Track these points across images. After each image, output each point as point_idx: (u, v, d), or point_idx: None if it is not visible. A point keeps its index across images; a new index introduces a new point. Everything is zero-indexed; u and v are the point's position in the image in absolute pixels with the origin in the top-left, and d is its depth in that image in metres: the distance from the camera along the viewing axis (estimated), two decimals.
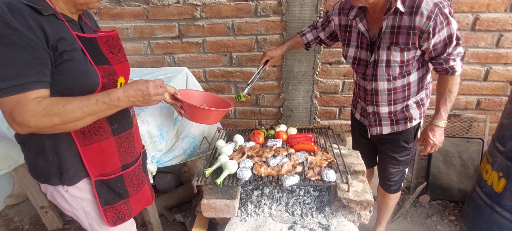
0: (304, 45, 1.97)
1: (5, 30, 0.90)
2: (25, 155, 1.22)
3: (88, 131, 1.16)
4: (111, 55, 1.21)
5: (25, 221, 2.72)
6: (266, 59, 1.94)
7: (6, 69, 0.92)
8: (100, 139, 1.19)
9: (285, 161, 1.66)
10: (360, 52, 1.69)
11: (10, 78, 0.92)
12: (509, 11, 2.18)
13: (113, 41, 1.24)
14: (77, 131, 1.12)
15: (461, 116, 2.60)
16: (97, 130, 1.18)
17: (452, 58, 1.49)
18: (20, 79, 0.93)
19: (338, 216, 1.66)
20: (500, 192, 2.01)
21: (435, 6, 1.38)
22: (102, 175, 1.24)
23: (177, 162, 1.96)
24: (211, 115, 1.71)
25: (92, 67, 1.10)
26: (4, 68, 0.92)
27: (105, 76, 1.14)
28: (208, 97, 1.95)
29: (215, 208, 1.69)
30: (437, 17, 1.38)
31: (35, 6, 0.97)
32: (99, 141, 1.19)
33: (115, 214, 1.31)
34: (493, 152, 2.10)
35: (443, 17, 1.39)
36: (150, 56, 2.65)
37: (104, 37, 1.20)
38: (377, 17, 1.55)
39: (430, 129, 1.68)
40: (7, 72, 0.92)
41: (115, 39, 1.26)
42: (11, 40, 0.91)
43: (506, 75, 2.41)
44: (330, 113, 2.76)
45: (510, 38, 2.27)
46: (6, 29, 0.90)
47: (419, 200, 2.72)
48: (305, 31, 1.96)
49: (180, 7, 2.41)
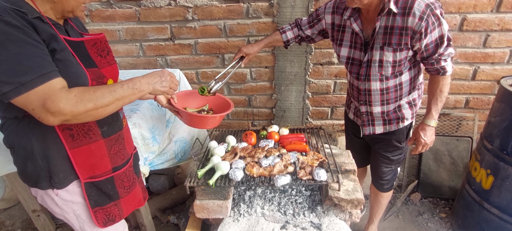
0: (283, 43, 1.92)
1: (7, 28, 0.91)
2: (14, 159, 1.22)
3: (77, 133, 1.16)
4: (99, 58, 1.21)
5: (17, 224, 2.70)
6: (241, 55, 1.86)
7: (24, 64, 0.92)
8: (90, 141, 1.19)
9: (277, 161, 1.68)
10: (353, 52, 1.70)
11: (31, 71, 0.93)
12: (496, 12, 2.23)
13: (101, 44, 1.24)
14: (65, 133, 1.13)
15: (451, 114, 2.64)
16: (86, 133, 1.18)
17: (443, 59, 1.52)
18: (40, 70, 0.94)
19: (330, 215, 1.68)
20: (488, 189, 2.05)
21: (427, 7, 1.41)
22: (92, 177, 1.24)
23: (168, 165, 1.98)
24: (207, 121, 1.67)
25: (82, 70, 1.10)
26: (21, 63, 0.92)
27: (95, 79, 1.14)
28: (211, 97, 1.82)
29: (208, 209, 1.70)
30: (429, 18, 1.41)
31: (20, 9, 0.97)
32: (88, 143, 1.19)
33: (105, 215, 1.31)
34: (481, 150, 2.14)
35: (435, 18, 1.42)
36: (143, 58, 2.65)
37: (91, 40, 1.20)
38: (370, 17, 1.58)
39: (421, 128, 1.71)
40: (25, 67, 0.92)
41: (103, 42, 1.25)
42: (17, 37, 0.92)
43: (493, 74, 2.46)
44: (322, 114, 2.79)
45: (497, 38, 2.31)
46: (8, 27, 0.91)
47: (410, 198, 2.75)
48: (285, 29, 1.90)
49: (172, 9, 2.42)
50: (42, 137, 1.11)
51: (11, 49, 0.91)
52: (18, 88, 0.92)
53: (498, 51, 2.37)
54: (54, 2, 1.07)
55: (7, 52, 0.90)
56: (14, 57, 0.91)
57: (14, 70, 0.91)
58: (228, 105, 1.75)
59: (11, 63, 0.91)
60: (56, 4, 1.07)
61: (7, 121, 1.13)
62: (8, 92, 0.92)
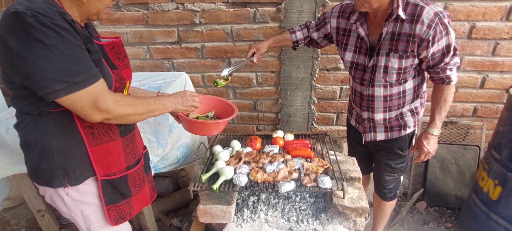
0: (292, 42, 1.92)
1: (59, 31, 0.95)
2: (26, 158, 1.23)
3: (98, 132, 1.20)
4: (118, 61, 1.25)
5: (21, 224, 2.72)
6: (253, 51, 1.85)
7: (77, 65, 1.00)
8: (109, 140, 1.23)
9: (281, 167, 1.67)
10: (358, 57, 1.69)
11: (83, 72, 1.01)
12: (505, 20, 2.20)
13: (118, 48, 1.28)
14: (87, 131, 1.18)
15: (458, 123, 2.61)
16: (107, 131, 1.22)
17: (449, 68, 1.50)
18: (90, 71, 1.03)
19: (334, 222, 1.67)
20: (496, 200, 2.02)
21: (436, 16, 1.40)
22: (108, 175, 1.27)
23: (170, 169, 1.99)
24: (208, 127, 1.59)
25: (108, 71, 1.16)
26: (74, 64, 0.99)
27: (118, 80, 1.20)
28: (215, 102, 1.79)
29: (211, 214, 1.69)
30: (437, 26, 1.40)
31: (61, 11, 1.01)
32: (107, 141, 1.23)
33: (117, 213, 1.34)
34: (489, 160, 2.11)
35: (443, 27, 1.41)
36: (149, 61, 2.67)
37: (110, 44, 1.24)
38: (378, 22, 1.57)
39: (424, 137, 1.69)
40: (78, 67, 1.00)
41: (120, 46, 1.29)
42: (68, 39, 0.98)
43: (502, 83, 2.43)
44: (327, 119, 2.77)
45: (506, 47, 2.29)
46: (59, 30, 0.96)
47: (416, 207, 2.72)
48: (295, 30, 1.91)
49: (180, 13, 2.43)
50: (62, 134, 1.14)
51: (63, 50, 0.96)
52: (71, 87, 0.99)
53: (507, 59, 2.34)
54: (83, 5, 1.10)
55: (60, 52, 0.96)
56: (66, 57, 0.97)
57: (68, 70, 0.98)
58: (232, 110, 1.69)
59: (64, 63, 0.97)
60: (83, 7, 1.11)
61: (25, 119, 1.14)
62: (60, 90, 0.98)
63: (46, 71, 0.95)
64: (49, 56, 0.94)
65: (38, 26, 0.92)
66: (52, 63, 0.95)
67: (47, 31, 0.93)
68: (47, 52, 0.94)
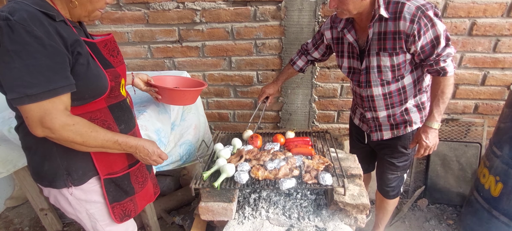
0: (297, 72, 2.08)
1: (27, 38, 0.93)
2: (29, 160, 1.24)
3: None
4: (112, 58, 1.25)
5: (25, 223, 2.74)
6: (266, 96, 2.08)
7: (34, 76, 0.95)
8: None
9: (282, 164, 1.67)
10: (352, 62, 1.73)
11: (38, 85, 0.95)
12: (506, 17, 2.20)
13: (111, 44, 1.27)
14: None
15: (459, 120, 2.61)
16: None
17: (442, 59, 1.49)
18: (48, 85, 0.97)
19: (335, 219, 1.67)
20: (497, 196, 2.02)
21: (418, 9, 1.40)
22: (110, 174, 1.28)
23: (173, 167, 2.00)
24: (186, 95, 1.83)
25: (102, 71, 1.14)
26: (32, 75, 0.94)
27: (113, 79, 1.18)
28: (182, 80, 2.04)
29: (213, 211, 1.70)
30: (420, 20, 1.40)
31: (49, 13, 1.00)
32: None
33: (122, 211, 1.35)
34: (490, 156, 2.10)
35: (427, 19, 1.41)
36: (150, 60, 2.68)
37: (102, 41, 1.22)
38: (364, 25, 1.59)
39: (423, 130, 1.66)
40: (34, 79, 0.95)
41: (113, 42, 1.28)
42: (35, 48, 0.94)
43: (503, 79, 2.42)
44: (328, 117, 2.78)
45: (507, 43, 2.28)
46: (28, 37, 0.93)
47: (417, 204, 2.72)
48: (294, 60, 2.04)
49: (180, 12, 2.44)
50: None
51: (25, 59, 0.93)
52: (22, 99, 0.95)
53: (508, 56, 2.33)
54: (75, 7, 1.09)
55: (21, 61, 0.93)
56: (26, 67, 0.93)
57: (23, 79, 0.94)
58: (201, 85, 1.95)
59: (22, 73, 0.93)
60: (74, 9, 1.10)
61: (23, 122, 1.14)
62: (13, 99, 0.96)
63: (4, 77, 0.95)
64: (8, 62, 0.92)
65: (6, 30, 0.91)
66: (10, 70, 0.93)
67: (13, 37, 0.91)
68: (7, 58, 0.92)
